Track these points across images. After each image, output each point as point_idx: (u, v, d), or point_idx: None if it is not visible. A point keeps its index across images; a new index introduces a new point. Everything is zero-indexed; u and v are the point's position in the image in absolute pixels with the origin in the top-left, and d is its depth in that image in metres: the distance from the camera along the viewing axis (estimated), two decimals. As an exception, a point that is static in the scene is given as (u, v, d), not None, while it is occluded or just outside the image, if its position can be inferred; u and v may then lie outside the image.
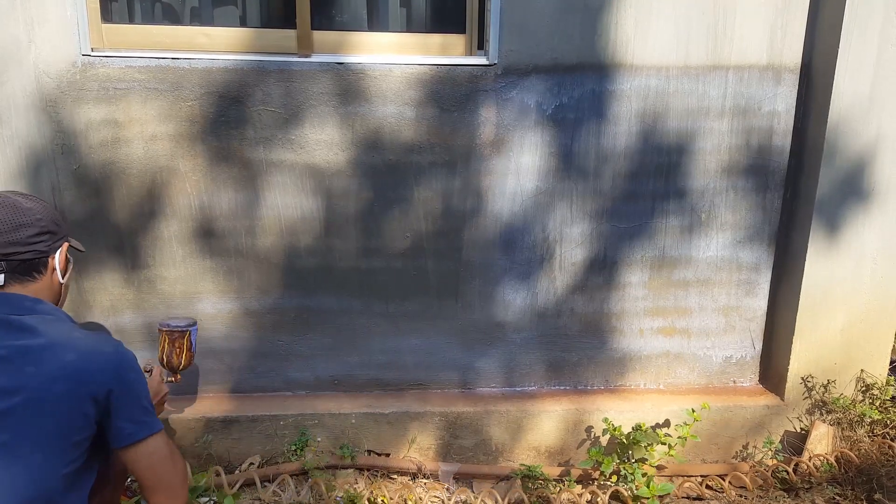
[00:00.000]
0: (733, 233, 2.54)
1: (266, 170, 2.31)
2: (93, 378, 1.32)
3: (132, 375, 1.40)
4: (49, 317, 1.36)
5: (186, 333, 2.20)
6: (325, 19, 2.33)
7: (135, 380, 1.41)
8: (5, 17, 2.08)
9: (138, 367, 1.43)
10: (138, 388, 1.41)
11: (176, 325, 2.20)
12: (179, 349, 2.20)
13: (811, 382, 2.57)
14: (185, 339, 2.20)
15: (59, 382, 1.28)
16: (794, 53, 2.39)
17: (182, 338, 2.19)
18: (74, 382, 1.30)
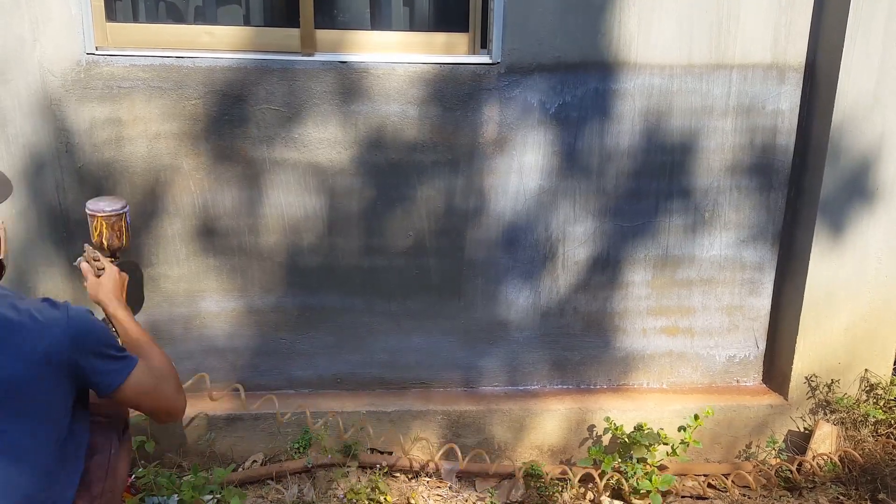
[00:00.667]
0: (737, 232, 2.54)
1: (269, 168, 2.31)
2: (56, 355, 1.34)
3: (91, 337, 1.41)
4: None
5: (123, 215, 2.10)
6: (329, 18, 2.33)
7: (96, 338, 1.42)
8: (10, 16, 2.09)
9: (93, 322, 1.44)
10: (101, 342, 1.43)
11: (113, 209, 2.08)
12: (119, 232, 2.10)
13: (815, 382, 2.57)
14: (123, 221, 2.10)
15: (21, 365, 1.30)
16: (799, 52, 2.38)
17: (120, 220, 2.09)
18: (37, 363, 1.31)
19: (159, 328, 2.40)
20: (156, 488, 2.15)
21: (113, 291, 1.90)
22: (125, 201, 2.12)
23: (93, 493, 1.52)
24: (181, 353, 2.44)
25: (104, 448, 1.57)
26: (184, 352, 2.44)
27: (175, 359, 2.42)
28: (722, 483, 2.46)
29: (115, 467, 1.59)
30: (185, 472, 2.34)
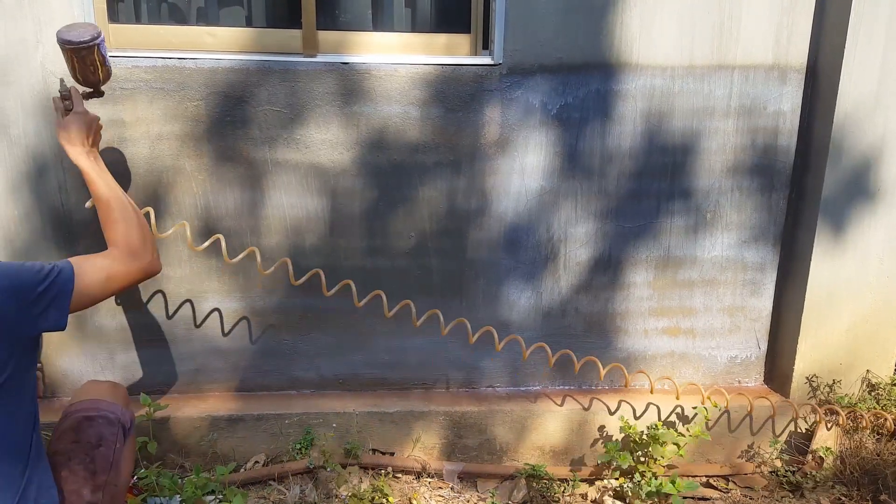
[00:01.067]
0: (738, 233, 2.54)
1: (271, 169, 2.31)
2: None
3: (11, 295, 1.36)
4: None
5: (94, 47, 1.87)
6: (330, 19, 2.34)
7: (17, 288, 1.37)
8: (13, 18, 2.09)
9: (8, 272, 1.39)
10: (25, 290, 1.38)
11: (81, 40, 1.84)
12: (93, 65, 1.90)
13: (816, 382, 2.57)
14: (95, 54, 1.88)
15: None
16: (800, 53, 2.38)
17: (91, 52, 1.87)
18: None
19: (162, 329, 2.41)
20: (158, 489, 2.15)
21: (77, 135, 1.78)
22: (99, 30, 1.89)
23: (97, 482, 1.56)
24: (184, 353, 2.45)
25: (109, 441, 1.60)
26: (186, 352, 2.45)
27: (178, 359, 2.45)
28: (724, 484, 2.47)
29: (118, 461, 1.62)
30: (187, 472, 2.34)
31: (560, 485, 2.39)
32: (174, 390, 2.48)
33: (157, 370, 2.46)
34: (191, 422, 2.37)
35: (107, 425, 1.63)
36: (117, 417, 1.67)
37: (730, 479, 2.50)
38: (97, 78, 1.93)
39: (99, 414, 1.65)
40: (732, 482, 2.49)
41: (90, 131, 1.79)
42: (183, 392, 2.48)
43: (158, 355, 2.44)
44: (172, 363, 2.46)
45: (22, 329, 1.38)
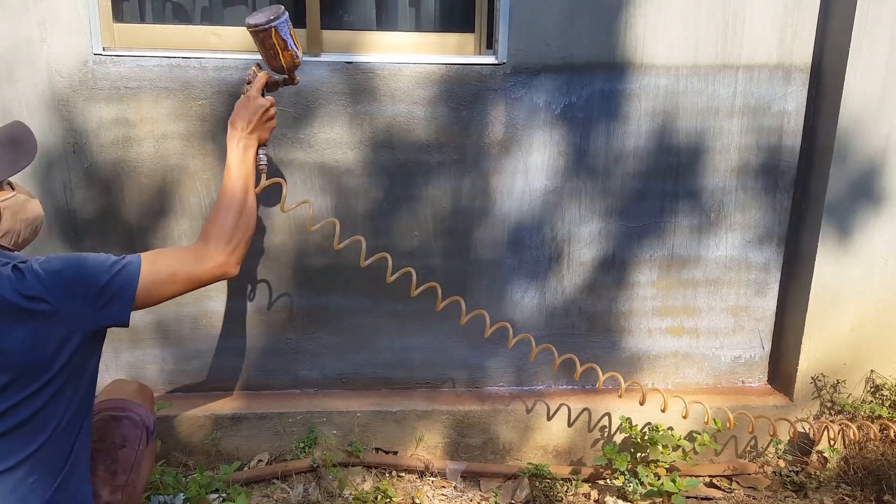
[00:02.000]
0: (743, 232, 2.54)
1: (276, 169, 2.32)
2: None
3: (75, 286, 1.34)
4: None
5: (270, 30, 1.78)
6: (335, 19, 2.34)
7: (81, 279, 1.35)
8: (18, 17, 2.10)
9: (72, 262, 1.37)
10: (88, 281, 1.35)
11: (256, 22, 1.77)
12: (272, 50, 1.83)
13: (820, 382, 2.57)
14: (273, 37, 1.79)
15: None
16: (805, 53, 2.38)
17: (268, 36, 1.79)
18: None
19: (167, 327, 2.41)
20: (162, 487, 2.16)
21: (237, 119, 1.76)
22: (279, 13, 1.80)
23: (117, 482, 1.58)
24: (189, 352, 2.45)
25: (133, 443, 1.61)
26: (191, 351, 2.45)
27: (183, 358, 2.46)
28: (727, 484, 2.47)
29: (139, 463, 1.64)
30: (190, 470, 2.35)
31: (563, 484, 2.39)
32: (178, 389, 2.49)
33: (161, 368, 2.46)
34: (195, 420, 2.38)
35: (132, 427, 1.63)
36: (142, 420, 1.68)
37: (733, 479, 2.50)
38: (279, 63, 1.86)
39: (125, 414, 1.65)
40: (736, 482, 2.49)
41: (252, 117, 1.75)
42: (187, 390, 2.49)
43: (163, 354, 2.44)
44: (177, 362, 2.46)
45: (83, 321, 1.34)
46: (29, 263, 1.34)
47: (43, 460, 1.33)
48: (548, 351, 2.45)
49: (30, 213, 1.46)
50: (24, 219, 1.45)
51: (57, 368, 1.32)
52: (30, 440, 1.31)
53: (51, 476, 1.35)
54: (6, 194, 1.41)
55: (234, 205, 1.62)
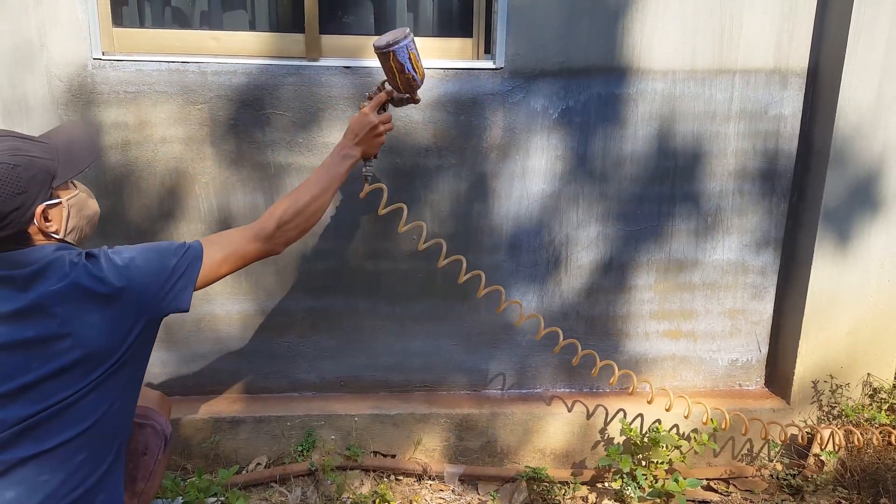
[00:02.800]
0: (740, 236, 2.55)
1: (275, 172, 2.32)
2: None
3: (152, 273, 1.42)
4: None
5: (389, 54, 1.81)
6: (334, 23, 2.35)
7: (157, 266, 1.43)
8: (18, 21, 2.10)
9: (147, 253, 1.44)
10: (163, 267, 1.43)
11: (378, 45, 1.81)
12: (390, 72, 1.86)
13: (817, 386, 2.57)
14: (391, 61, 1.83)
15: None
16: (801, 57, 2.39)
17: (387, 59, 1.83)
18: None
19: (169, 330, 2.42)
20: (161, 490, 2.16)
21: (349, 132, 1.82)
22: (399, 38, 1.82)
23: (136, 489, 1.62)
24: (190, 355, 2.46)
25: (153, 451, 1.65)
26: (191, 354, 2.46)
27: (183, 361, 2.46)
28: (724, 487, 2.47)
29: (156, 472, 1.67)
30: (189, 474, 2.35)
31: (561, 487, 2.39)
32: (177, 392, 2.49)
33: (160, 372, 2.47)
34: (193, 423, 2.38)
35: (153, 435, 1.66)
36: (162, 429, 1.71)
37: (730, 482, 2.50)
38: (396, 84, 1.91)
39: (149, 423, 1.68)
40: (733, 485, 2.49)
41: (360, 131, 1.82)
42: (186, 394, 2.49)
43: (163, 357, 2.45)
44: (177, 365, 2.47)
45: (151, 305, 1.41)
46: (102, 250, 1.41)
47: (91, 445, 1.38)
48: (545, 354, 2.46)
49: (90, 209, 1.52)
50: (87, 216, 1.51)
51: (122, 353, 1.38)
52: (81, 422, 1.36)
53: (97, 462, 1.39)
54: (71, 192, 1.45)
55: (307, 196, 1.68)
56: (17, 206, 1.31)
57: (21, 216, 1.32)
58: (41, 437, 1.33)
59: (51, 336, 1.32)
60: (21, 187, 1.31)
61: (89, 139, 1.53)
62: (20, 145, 1.34)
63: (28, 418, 1.32)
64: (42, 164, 1.36)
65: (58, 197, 1.40)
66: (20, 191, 1.31)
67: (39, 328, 1.32)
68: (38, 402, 1.32)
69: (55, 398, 1.33)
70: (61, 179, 1.40)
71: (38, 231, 1.37)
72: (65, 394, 1.33)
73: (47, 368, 1.32)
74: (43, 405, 1.32)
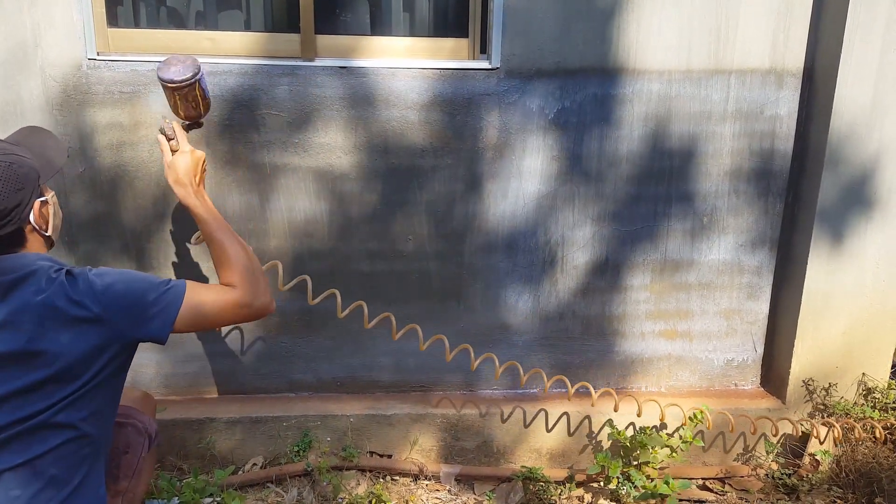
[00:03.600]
0: (735, 236, 2.55)
1: (271, 173, 2.32)
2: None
3: (127, 299, 1.41)
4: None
5: (195, 84, 1.81)
6: (329, 24, 2.34)
7: (133, 293, 1.43)
8: (12, 21, 2.10)
9: (125, 277, 1.43)
10: (138, 297, 1.42)
11: (182, 78, 1.78)
12: (194, 101, 1.84)
13: (812, 385, 2.58)
14: (197, 90, 1.82)
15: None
16: (797, 58, 2.39)
17: (193, 89, 1.82)
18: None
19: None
20: (156, 491, 2.16)
21: (185, 176, 1.74)
22: (199, 64, 1.82)
23: (118, 487, 1.62)
24: (185, 355, 2.45)
25: (136, 450, 1.65)
26: (187, 354, 2.45)
27: (178, 361, 2.46)
28: (719, 487, 2.48)
29: (141, 470, 1.68)
30: (185, 474, 2.35)
31: (556, 487, 2.40)
32: (173, 392, 2.49)
33: (157, 372, 2.46)
34: (189, 424, 2.38)
35: (135, 434, 1.67)
36: (145, 427, 1.71)
37: (725, 482, 2.51)
38: (199, 112, 1.87)
39: (129, 422, 1.68)
40: (728, 485, 2.50)
41: (197, 170, 1.76)
42: (182, 394, 2.49)
43: (159, 357, 2.44)
44: (172, 365, 2.47)
45: (125, 332, 1.40)
46: (84, 271, 1.40)
47: (61, 460, 1.37)
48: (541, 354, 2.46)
49: (60, 213, 1.56)
50: (61, 216, 1.55)
51: (91, 374, 1.37)
52: (51, 439, 1.35)
53: (68, 477, 1.38)
54: (50, 192, 1.48)
55: (241, 252, 1.64)
56: (19, 201, 1.35)
57: (21, 212, 1.36)
58: (11, 452, 1.32)
59: (20, 352, 1.31)
60: (20, 183, 1.35)
61: (55, 142, 1.57)
62: (5, 146, 1.38)
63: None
64: (30, 163, 1.40)
65: (44, 194, 1.45)
66: (20, 187, 1.35)
67: (10, 343, 1.31)
68: (8, 416, 1.31)
69: (23, 413, 1.32)
70: (44, 178, 1.44)
71: (32, 230, 1.40)
72: (33, 409, 1.32)
73: (16, 384, 1.31)
74: (11, 419, 1.31)
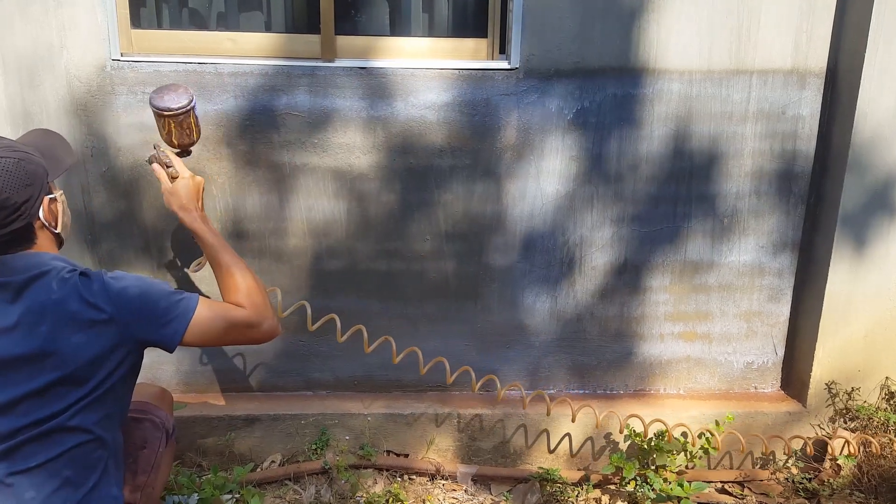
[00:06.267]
0: (756, 238, 2.53)
1: (290, 173, 2.34)
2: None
3: (140, 303, 1.43)
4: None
5: (190, 111, 1.86)
6: (349, 24, 2.36)
7: (146, 299, 1.44)
8: (38, 24, 2.13)
9: (142, 283, 1.45)
10: (152, 301, 1.43)
11: (179, 106, 1.82)
12: (188, 129, 1.88)
13: (834, 389, 2.55)
14: (191, 117, 1.88)
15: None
16: (820, 58, 2.37)
17: (188, 117, 1.87)
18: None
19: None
20: (176, 487, 2.18)
21: (189, 201, 1.80)
22: (190, 92, 1.88)
23: (137, 482, 1.63)
24: (205, 353, 2.48)
25: (153, 444, 1.67)
26: (207, 352, 2.48)
27: (198, 359, 2.49)
28: (738, 490, 2.46)
29: (159, 464, 1.69)
30: (204, 471, 2.37)
31: (574, 489, 2.39)
32: (192, 390, 2.52)
33: (177, 369, 2.49)
34: (208, 421, 2.40)
35: (152, 429, 1.68)
36: (162, 422, 1.73)
37: (745, 486, 2.49)
38: (191, 139, 1.90)
39: (147, 417, 1.70)
40: (748, 488, 2.48)
41: (197, 195, 1.81)
42: (201, 392, 2.52)
43: (178, 355, 2.47)
44: (192, 363, 2.49)
45: (136, 336, 1.41)
46: (99, 273, 1.42)
47: (75, 462, 1.38)
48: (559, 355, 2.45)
49: (68, 210, 1.56)
50: (69, 214, 1.55)
51: (102, 377, 1.38)
52: (65, 442, 1.36)
53: (82, 479, 1.39)
54: (58, 190, 1.50)
55: (247, 275, 1.67)
56: (28, 197, 1.35)
57: (31, 207, 1.37)
58: (25, 455, 1.33)
59: (34, 353, 1.32)
60: (29, 179, 1.36)
61: (63, 142, 1.59)
62: (12, 143, 1.40)
63: (10, 436, 1.32)
64: (37, 160, 1.41)
65: (53, 191, 1.46)
66: (28, 182, 1.36)
67: (24, 345, 1.32)
68: (22, 419, 1.32)
69: (39, 415, 1.32)
70: (52, 176, 1.46)
71: (41, 226, 1.41)
72: (49, 412, 1.33)
73: (29, 386, 1.31)
74: (27, 422, 1.32)
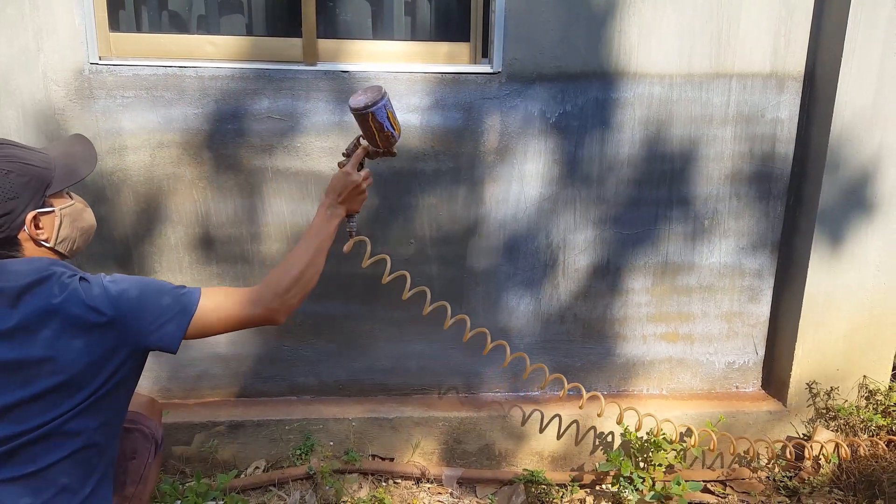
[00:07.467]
0: (736, 239, 2.55)
1: (271, 177, 2.33)
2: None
3: (138, 303, 1.40)
4: None
5: (367, 115, 1.77)
6: (331, 28, 2.35)
7: (145, 297, 1.40)
8: (15, 27, 2.10)
9: (139, 283, 1.43)
10: (151, 300, 1.41)
11: (355, 105, 1.76)
12: (369, 131, 1.82)
13: (814, 388, 2.59)
14: (370, 122, 1.78)
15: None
16: (798, 61, 2.40)
17: (365, 120, 1.78)
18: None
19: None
20: (159, 495, 2.16)
21: (331, 190, 1.77)
22: (377, 98, 1.76)
23: (125, 493, 1.62)
24: (185, 359, 2.46)
25: (143, 455, 1.66)
26: (188, 358, 2.46)
27: (180, 365, 2.47)
28: (721, 489, 2.48)
29: (147, 475, 1.68)
30: (188, 478, 2.36)
31: (559, 490, 2.40)
32: (175, 396, 2.49)
33: (159, 376, 2.47)
34: (192, 428, 2.38)
35: (142, 439, 1.67)
36: (152, 433, 1.71)
37: (727, 485, 2.51)
38: (375, 143, 1.87)
39: (136, 427, 1.68)
40: (730, 487, 2.50)
41: (344, 190, 1.77)
42: (184, 398, 2.50)
43: (161, 361, 2.45)
44: (174, 369, 2.47)
45: (137, 339, 1.39)
46: (98, 277, 1.40)
47: (73, 468, 1.36)
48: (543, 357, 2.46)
49: (85, 221, 1.52)
50: (80, 227, 1.50)
51: (100, 382, 1.36)
52: (63, 447, 1.35)
53: (79, 485, 1.38)
54: (66, 202, 1.46)
55: (301, 262, 1.65)
56: (9, 210, 1.33)
57: (11, 221, 1.34)
58: (22, 460, 1.32)
59: (34, 359, 1.30)
60: (14, 192, 1.33)
61: (88, 151, 1.55)
62: (16, 152, 1.36)
63: (7, 441, 1.30)
64: (36, 172, 1.38)
65: (51, 205, 1.41)
66: (12, 196, 1.33)
67: (23, 350, 1.30)
68: (17, 425, 1.31)
69: (35, 421, 1.31)
70: (57, 188, 1.41)
71: (28, 238, 1.38)
72: (45, 418, 1.32)
73: (28, 391, 1.30)
74: (22, 428, 1.31)
